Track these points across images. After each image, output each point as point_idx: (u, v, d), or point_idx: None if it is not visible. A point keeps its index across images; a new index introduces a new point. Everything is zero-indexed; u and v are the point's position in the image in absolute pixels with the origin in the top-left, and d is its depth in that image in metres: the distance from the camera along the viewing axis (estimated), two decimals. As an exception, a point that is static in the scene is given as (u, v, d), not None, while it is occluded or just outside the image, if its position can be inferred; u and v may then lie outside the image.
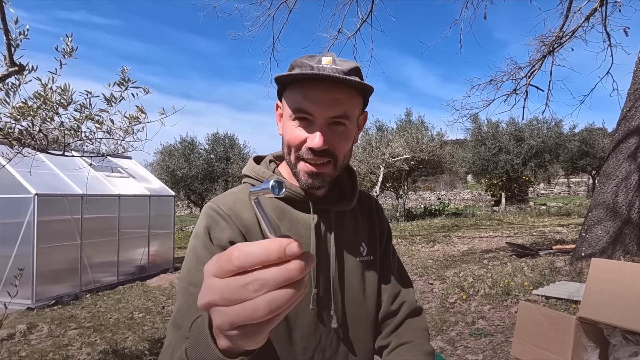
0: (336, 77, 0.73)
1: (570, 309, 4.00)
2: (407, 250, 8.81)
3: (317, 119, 0.77)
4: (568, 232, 9.88)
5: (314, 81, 0.76)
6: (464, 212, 20.41)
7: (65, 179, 6.80)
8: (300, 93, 0.77)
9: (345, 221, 0.92)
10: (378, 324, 0.95)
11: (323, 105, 0.76)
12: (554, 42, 6.47)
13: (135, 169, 8.95)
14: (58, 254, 6.39)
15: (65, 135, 2.51)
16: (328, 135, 0.78)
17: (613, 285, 1.91)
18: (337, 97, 0.76)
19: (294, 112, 0.78)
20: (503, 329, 3.90)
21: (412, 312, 0.97)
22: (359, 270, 0.90)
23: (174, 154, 19.64)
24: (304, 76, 0.74)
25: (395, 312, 0.95)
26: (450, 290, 5.19)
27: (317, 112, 0.76)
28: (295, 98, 0.77)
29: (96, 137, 2.61)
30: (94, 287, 6.83)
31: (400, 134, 17.73)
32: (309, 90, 0.76)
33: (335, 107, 0.77)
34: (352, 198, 0.93)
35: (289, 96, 0.79)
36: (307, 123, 0.78)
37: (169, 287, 6.84)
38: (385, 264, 0.99)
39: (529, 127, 20.28)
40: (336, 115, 0.77)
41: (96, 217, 7.06)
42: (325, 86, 0.76)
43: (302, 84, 0.77)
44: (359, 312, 0.89)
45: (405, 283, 1.01)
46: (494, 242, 9.03)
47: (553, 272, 5.37)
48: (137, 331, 4.63)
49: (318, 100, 0.76)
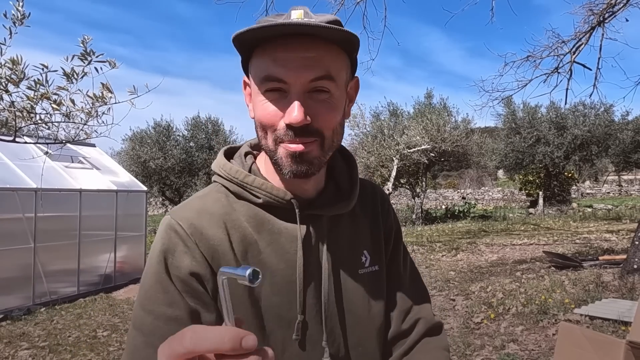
0: (308, 24, 0.68)
1: (619, 332, 4.01)
2: (425, 260, 8.83)
3: (293, 86, 0.72)
4: (618, 240, 9.89)
5: (283, 39, 0.71)
6: (494, 214, 20.42)
7: (16, 170, 6.81)
8: (267, 58, 0.72)
9: (342, 226, 0.89)
10: (388, 345, 0.93)
11: (298, 67, 0.71)
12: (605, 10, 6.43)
13: (99, 159, 8.97)
14: (7, 260, 6.41)
15: (16, 117, 2.51)
16: (309, 107, 0.73)
17: (671, 304, 1.91)
18: (314, 55, 0.72)
19: (262, 82, 0.74)
20: (538, 354, 3.92)
21: (430, 330, 0.95)
22: (361, 286, 0.88)
23: (146, 142, 19.66)
24: (268, 31, 0.69)
25: (408, 331, 0.93)
26: (476, 307, 5.20)
27: (292, 78, 0.71)
28: (262, 65, 0.73)
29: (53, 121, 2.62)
30: (49, 300, 6.86)
31: (419, 120, 17.71)
32: (278, 52, 0.72)
33: (313, 67, 0.72)
34: (351, 197, 0.89)
35: (255, 65, 0.76)
36: (281, 95, 0.73)
37: (139, 300, 6.88)
38: (394, 271, 0.97)
39: (573, 114, 20.24)
40: (317, 77, 0.72)
41: (53, 215, 7.08)
42: (298, 44, 0.71)
43: (268, 46, 0.72)
44: (364, 335, 0.88)
45: (420, 294, 0.99)
46: (528, 251, 9.04)
47: (599, 287, 5.38)
48: (101, 352, 4.66)
49: (291, 62, 0.71)
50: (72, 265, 7.40)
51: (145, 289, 0.76)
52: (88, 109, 2.60)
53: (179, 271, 0.75)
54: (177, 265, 0.75)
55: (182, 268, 0.75)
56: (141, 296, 0.76)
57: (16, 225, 6.56)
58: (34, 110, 2.50)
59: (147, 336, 0.73)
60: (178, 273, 0.75)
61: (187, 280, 0.75)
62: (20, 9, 2.29)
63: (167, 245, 0.76)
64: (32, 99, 2.43)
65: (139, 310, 0.76)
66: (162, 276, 0.75)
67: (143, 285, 0.77)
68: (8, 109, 2.47)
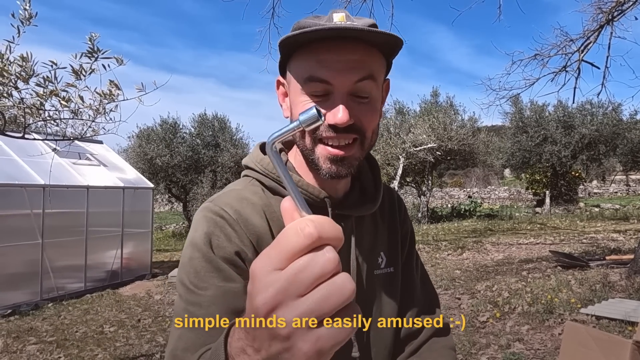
0: (361, 29, 0.69)
1: (626, 332, 3.99)
2: (431, 258, 8.82)
3: (337, 87, 0.73)
4: (625, 239, 9.83)
5: (327, 42, 0.72)
6: (500, 213, 20.36)
7: (24, 167, 6.86)
8: (311, 59, 0.73)
9: (365, 226, 0.90)
10: (399, 345, 0.95)
11: (343, 70, 0.72)
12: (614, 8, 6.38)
13: (107, 155, 9.01)
14: (15, 256, 6.47)
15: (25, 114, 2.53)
16: (352, 108, 0.74)
17: (679, 304, 1.90)
18: (358, 58, 0.73)
19: (305, 82, 0.75)
20: (544, 353, 3.91)
21: (438, 330, 0.97)
22: (375, 286, 0.90)
23: (153, 139, 19.70)
24: (319, 34, 0.70)
25: (418, 331, 0.96)
26: (482, 306, 5.20)
27: (336, 79, 0.73)
28: (306, 66, 0.74)
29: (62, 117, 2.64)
30: (57, 295, 6.92)
31: (425, 119, 17.65)
32: (322, 54, 0.73)
33: (357, 69, 0.73)
34: (376, 198, 0.91)
35: (296, 66, 0.77)
36: (324, 95, 0.74)
37: (145, 296, 6.91)
38: (408, 274, 0.99)
39: (580, 113, 20.09)
40: (360, 78, 0.73)
41: (60, 212, 7.13)
42: (342, 46, 0.72)
43: (311, 48, 0.73)
44: (378, 335, 0.90)
45: (431, 297, 1.02)
46: (535, 251, 9.00)
47: (606, 287, 5.36)
48: (107, 348, 4.69)
49: (336, 64, 0.72)
50: (79, 261, 7.45)
51: (195, 271, 0.77)
52: (96, 106, 2.62)
53: (225, 251, 0.76)
54: (223, 246, 0.76)
55: (228, 248, 0.77)
56: (192, 278, 0.77)
57: (24, 221, 6.61)
58: (43, 106, 2.51)
59: (206, 308, 0.74)
60: (224, 254, 0.76)
61: (232, 259, 0.76)
62: (27, 9, 2.31)
63: (212, 229, 0.77)
64: (42, 96, 2.45)
65: (190, 293, 0.76)
66: (211, 256, 0.76)
67: (192, 268, 0.77)
68: (17, 106, 2.49)
